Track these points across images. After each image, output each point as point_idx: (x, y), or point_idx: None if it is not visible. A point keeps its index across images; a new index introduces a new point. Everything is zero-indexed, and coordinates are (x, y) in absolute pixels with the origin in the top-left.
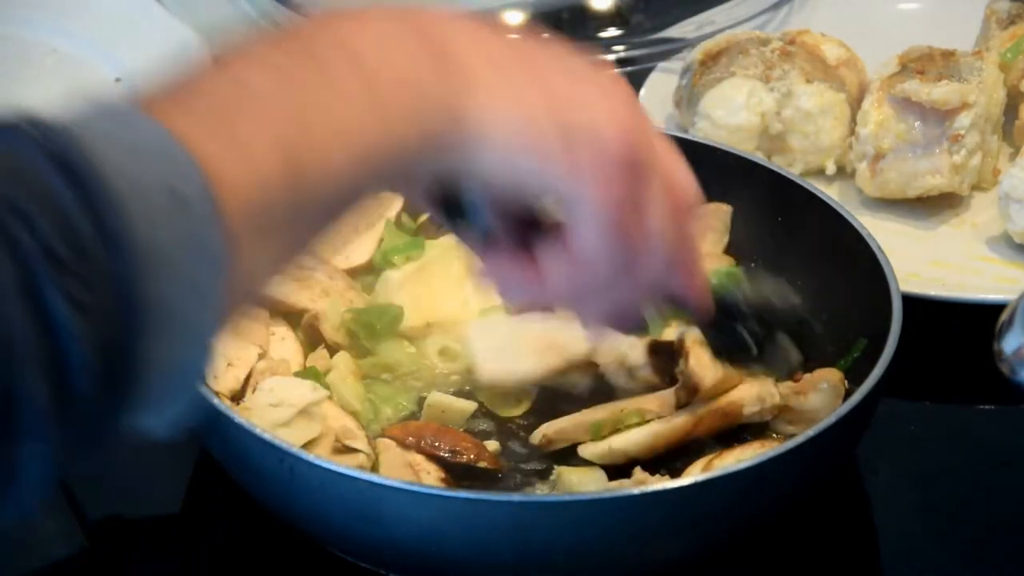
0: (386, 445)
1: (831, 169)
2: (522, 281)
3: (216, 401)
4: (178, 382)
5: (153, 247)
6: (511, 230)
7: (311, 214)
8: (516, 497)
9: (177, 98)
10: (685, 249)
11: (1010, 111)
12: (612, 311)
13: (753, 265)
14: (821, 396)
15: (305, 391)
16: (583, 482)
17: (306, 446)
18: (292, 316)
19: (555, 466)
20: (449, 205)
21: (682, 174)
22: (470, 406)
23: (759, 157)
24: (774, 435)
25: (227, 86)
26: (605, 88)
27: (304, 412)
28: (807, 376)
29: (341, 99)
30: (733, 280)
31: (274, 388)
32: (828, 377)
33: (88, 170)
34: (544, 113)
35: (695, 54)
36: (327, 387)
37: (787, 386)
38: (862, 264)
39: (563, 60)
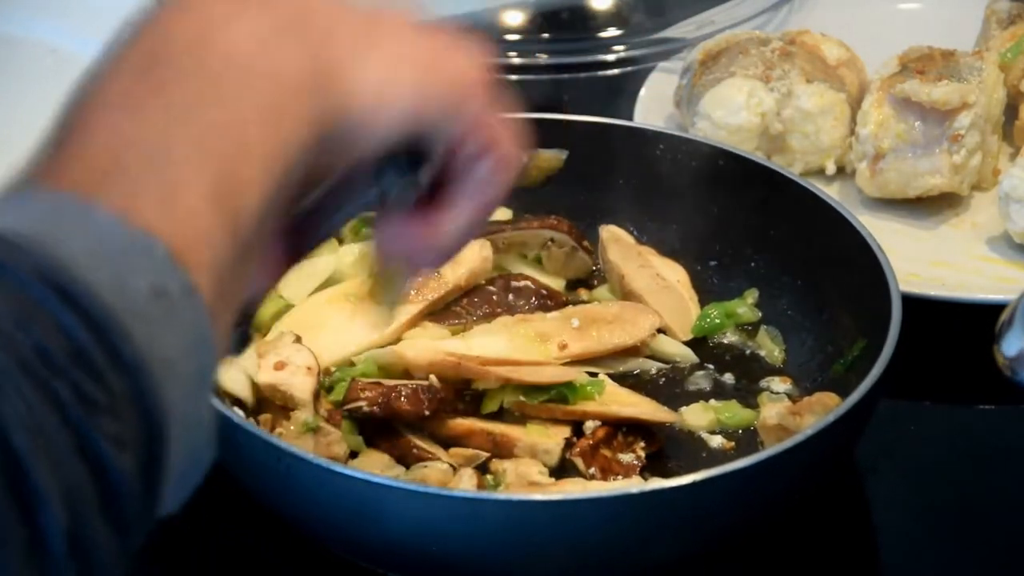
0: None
1: (831, 169)
2: (422, 243)
3: (213, 399)
4: (193, 469)
5: (156, 357)
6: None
7: (248, 253)
8: (516, 497)
9: (88, 164)
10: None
11: (1010, 111)
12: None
13: (752, 265)
14: (817, 419)
15: None
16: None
17: None
18: None
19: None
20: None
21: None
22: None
23: (759, 157)
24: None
25: (131, 142)
26: (443, 34)
27: None
28: (805, 399)
29: (239, 123)
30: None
31: None
32: (826, 401)
33: (87, 298)
34: (414, 71)
35: (695, 54)
36: None
37: (785, 406)
38: (862, 264)
39: (394, 9)
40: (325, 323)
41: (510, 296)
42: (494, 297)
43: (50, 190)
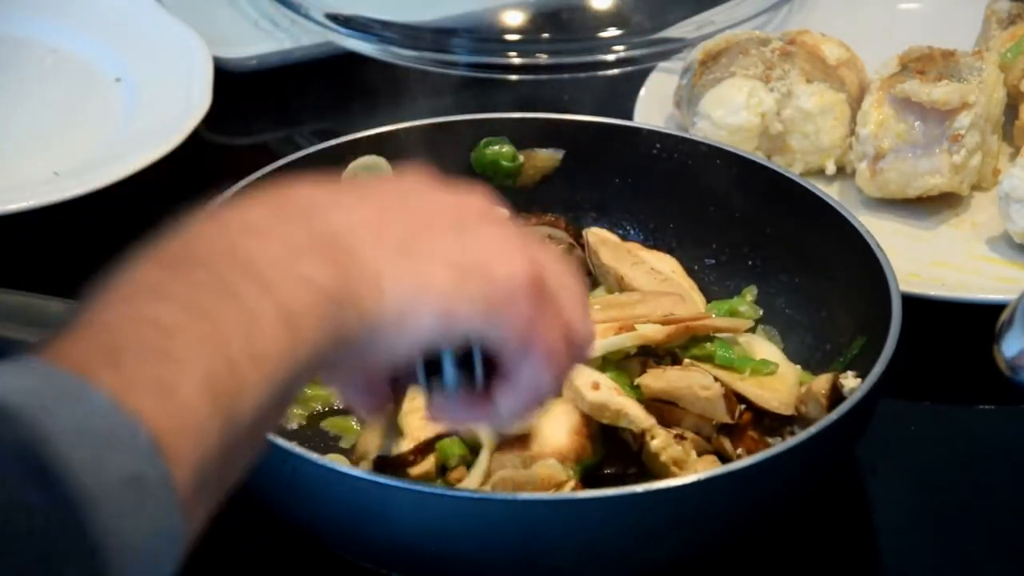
0: None
1: (831, 169)
2: (476, 417)
3: None
4: None
5: (118, 543)
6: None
7: (240, 448)
8: (519, 496)
9: (95, 343)
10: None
11: (1010, 111)
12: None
13: (751, 264)
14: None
15: None
16: None
17: None
18: None
19: None
20: (427, 369)
21: (579, 312)
22: None
23: (759, 157)
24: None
25: (142, 328)
26: (490, 231)
27: None
28: (811, 383)
29: (252, 323)
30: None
31: None
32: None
33: (62, 476)
34: (448, 281)
35: (695, 54)
36: None
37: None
38: (862, 264)
39: (444, 207)
40: None
41: None
42: None
43: (50, 363)
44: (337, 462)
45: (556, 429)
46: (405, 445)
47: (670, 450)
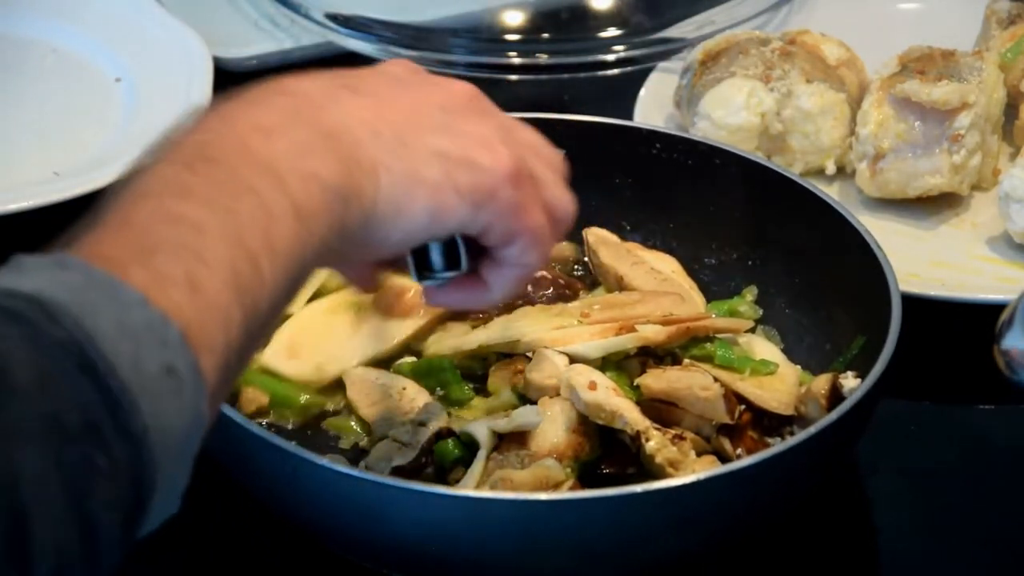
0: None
1: (831, 169)
2: (470, 298)
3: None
4: (167, 510)
5: (158, 430)
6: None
7: (255, 338)
8: (519, 496)
9: (126, 241)
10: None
11: (1010, 111)
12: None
13: (751, 264)
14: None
15: None
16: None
17: None
18: None
19: None
20: (417, 262)
21: (559, 189)
22: None
23: (759, 157)
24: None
25: (168, 225)
26: (475, 121)
27: None
28: (811, 383)
29: (270, 219)
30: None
31: None
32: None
33: (107, 373)
34: (439, 174)
35: (695, 54)
36: None
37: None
38: (862, 264)
39: (432, 98)
40: (326, 333)
41: (529, 287)
42: None
43: (85, 261)
44: (337, 462)
45: (553, 427)
46: None
47: (665, 452)
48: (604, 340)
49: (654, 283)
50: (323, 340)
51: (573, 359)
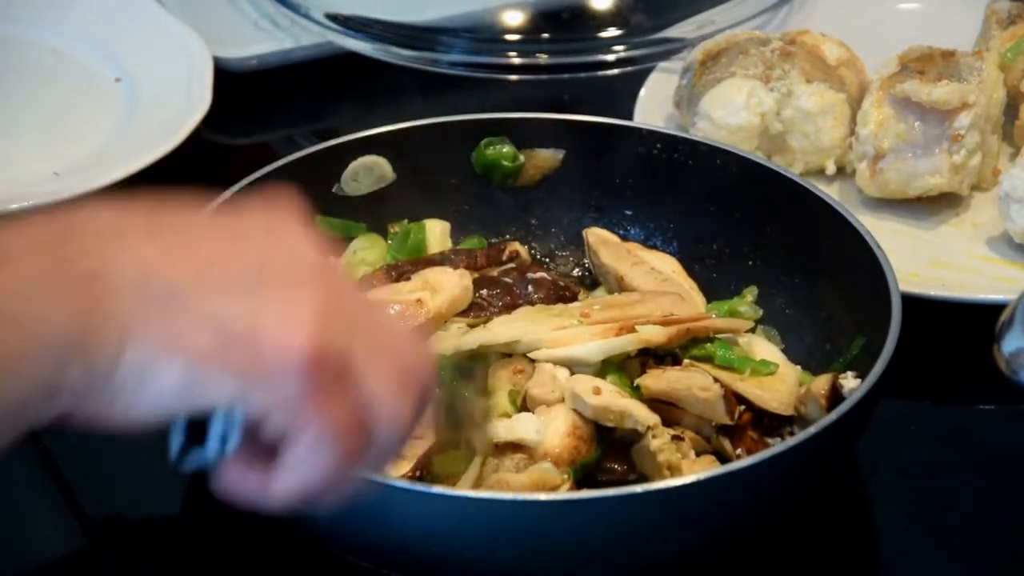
0: None
1: (831, 169)
2: (255, 491)
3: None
4: None
5: None
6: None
7: None
8: (519, 496)
9: None
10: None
11: (1010, 111)
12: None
13: (751, 264)
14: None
15: None
16: None
17: None
18: None
19: None
20: (190, 434)
21: (387, 392)
22: None
23: (759, 157)
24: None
25: None
26: (289, 295)
27: None
28: (811, 383)
29: None
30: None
31: None
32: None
33: None
34: (207, 343)
35: (695, 54)
36: None
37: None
38: (862, 264)
39: (252, 258)
40: None
41: (528, 287)
42: (514, 289)
43: None
44: None
45: (550, 432)
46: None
47: (667, 452)
48: (604, 341)
49: (654, 283)
50: None
51: (573, 364)
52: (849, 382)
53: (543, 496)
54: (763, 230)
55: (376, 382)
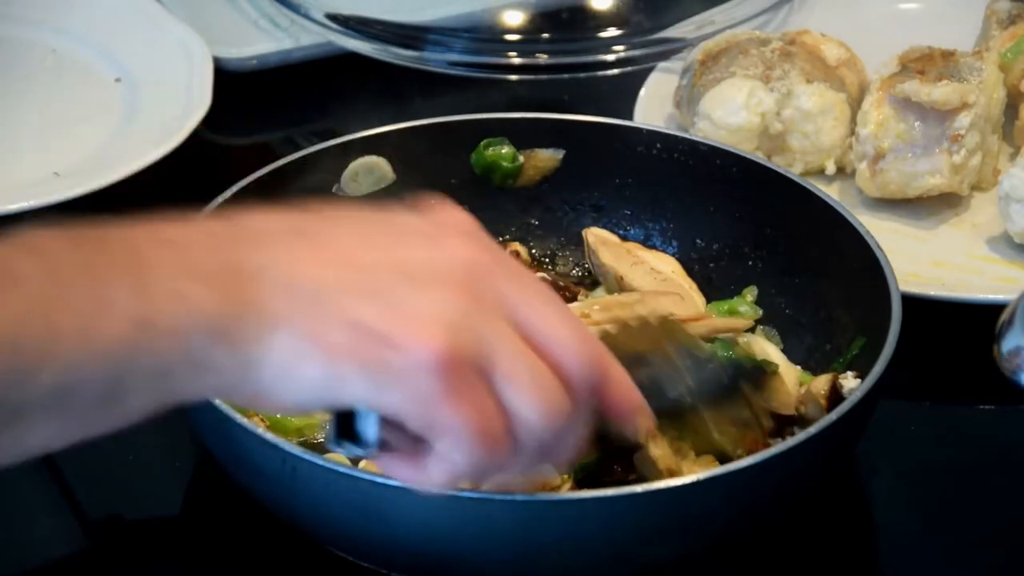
0: None
1: (831, 169)
2: (413, 476)
3: (217, 402)
4: None
5: None
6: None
7: (29, 408)
8: (519, 496)
9: None
10: (580, 408)
11: (1010, 111)
12: (518, 472)
13: (751, 264)
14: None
15: None
16: None
17: None
18: None
19: None
20: (340, 425)
21: (561, 341)
22: None
23: (759, 157)
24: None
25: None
26: (431, 295)
27: None
28: (810, 384)
29: (100, 312)
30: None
31: None
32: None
33: None
34: (345, 342)
35: (695, 54)
36: None
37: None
38: (862, 264)
39: (397, 257)
40: None
41: None
42: None
43: None
44: (337, 462)
45: None
46: None
47: (667, 460)
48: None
49: (654, 283)
50: None
51: None
52: (849, 382)
53: (543, 496)
54: (763, 230)
55: (520, 383)
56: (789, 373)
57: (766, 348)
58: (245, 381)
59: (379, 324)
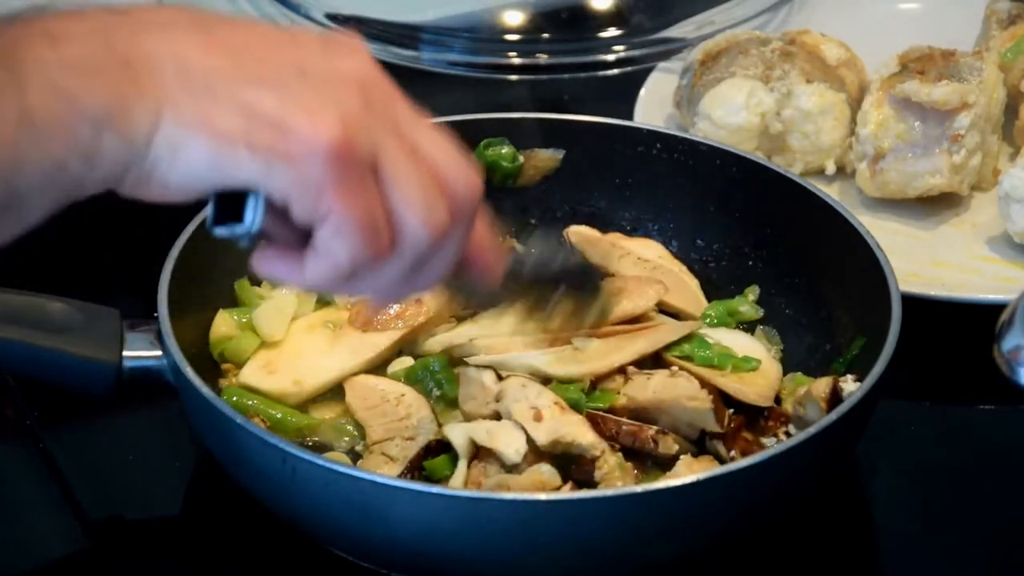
0: None
1: (831, 169)
2: (288, 273)
3: (217, 401)
4: None
5: None
6: (283, 226)
7: None
8: (519, 496)
9: None
10: (456, 229)
11: (1010, 111)
12: (392, 288)
13: (751, 264)
14: (816, 408)
15: None
16: None
17: None
18: None
19: None
20: (220, 207)
21: (446, 161)
22: None
23: (759, 157)
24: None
25: None
26: (326, 88)
27: None
28: (811, 386)
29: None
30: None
31: None
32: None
33: None
34: (235, 126)
35: (695, 54)
36: None
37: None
38: (862, 264)
39: (297, 58)
40: (303, 350)
41: None
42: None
43: None
44: (337, 462)
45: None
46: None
47: (615, 475)
48: (532, 353)
49: (643, 272)
50: (300, 357)
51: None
52: (849, 385)
53: (543, 496)
54: (763, 230)
55: (406, 187)
56: (771, 369)
57: (748, 345)
58: (132, 165)
59: (274, 111)
